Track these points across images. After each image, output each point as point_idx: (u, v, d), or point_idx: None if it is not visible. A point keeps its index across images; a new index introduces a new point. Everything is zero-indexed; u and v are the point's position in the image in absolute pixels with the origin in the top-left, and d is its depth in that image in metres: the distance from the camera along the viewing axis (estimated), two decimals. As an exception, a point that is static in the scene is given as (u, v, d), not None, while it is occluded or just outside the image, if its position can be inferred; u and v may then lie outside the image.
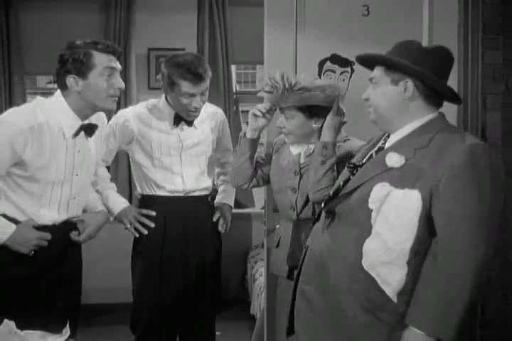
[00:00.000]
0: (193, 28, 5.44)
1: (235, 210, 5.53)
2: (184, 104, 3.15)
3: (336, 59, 3.38)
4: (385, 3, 3.39)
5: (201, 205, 3.34)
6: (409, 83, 2.15)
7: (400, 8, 3.39)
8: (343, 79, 3.42)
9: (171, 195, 3.26)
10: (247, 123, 2.95)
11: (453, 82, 3.41)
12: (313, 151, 2.80)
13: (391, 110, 2.20)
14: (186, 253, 3.28)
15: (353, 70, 3.37)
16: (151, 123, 3.25)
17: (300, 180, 2.84)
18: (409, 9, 3.39)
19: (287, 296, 2.69)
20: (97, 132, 2.81)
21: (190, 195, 3.30)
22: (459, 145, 2.05)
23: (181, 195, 3.28)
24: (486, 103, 3.51)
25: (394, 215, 2.06)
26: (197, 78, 3.09)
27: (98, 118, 2.85)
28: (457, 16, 3.45)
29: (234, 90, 5.61)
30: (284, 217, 2.94)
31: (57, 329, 1.94)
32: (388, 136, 2.27)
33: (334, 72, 3.41)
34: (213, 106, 3.50)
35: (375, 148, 2.30)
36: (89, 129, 2.74)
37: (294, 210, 2.85)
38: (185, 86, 3.10)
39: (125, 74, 5.38)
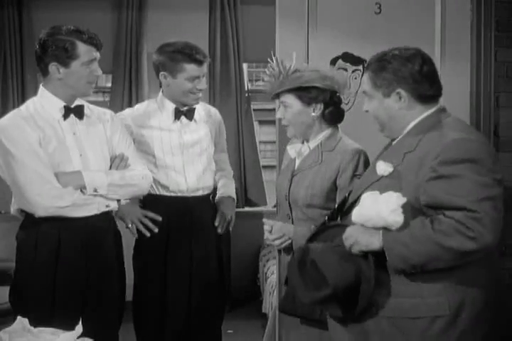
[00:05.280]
0: (204, 27, 5.44)
1: (247, 208, 5.60)
2: (189, 88, 3.18)
3: (347, 57, 3.38)
4: (397, 1, 3.38)
5: (204, 205, 3.33)
6: (402, 92, 2.18)
7: (412, 6, 3.38)
8: (355, 78, 3.42)
9: (174, 194, 3.26)
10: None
11: (465, 80, 3.41)
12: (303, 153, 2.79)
13: (391, 119, 2.23)
14: (190, 253, 3.27)
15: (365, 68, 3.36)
16: (150, 123, 3.26)
17: (290, 187, 2.80)
18: (422, 7, 3.38)
19: None
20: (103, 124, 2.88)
21: (193, 194, 3.29)
22: (437, 146, 2.07)
23: (184, 194, 3.27)
24: (498, 101, 3.50)
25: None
26: (201, 60, 3.16)
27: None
28: (470, 14, 3.43)
29: (246, 89, 5.61)
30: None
31: (69, 326, 1.95)
32: None
33: (346, 70, 3.40)
34: (209, 105, 3.57)
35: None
36: (78, 112, 2.80)
37: (290, 218, 2.82)
38: (191, 69, 3.15)
39: (137, 73, 5.40)
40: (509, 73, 3.49)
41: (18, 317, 1.94)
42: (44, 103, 2.76)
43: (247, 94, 5.62)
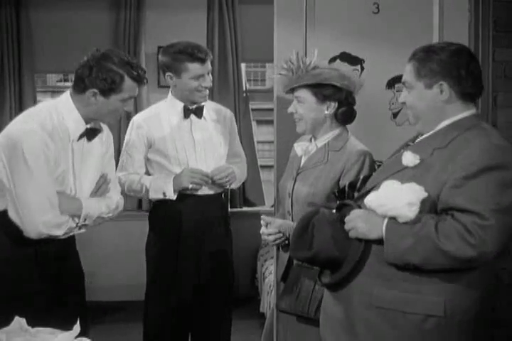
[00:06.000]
0: (202, 26, 5.44)
1: (245, 208, 5.60)
2: (195, 86, 3.26)
3: (345, 57, 3.37)
4: (395, 1, 3.38)
5: (215, 204, 3.37)
6: (444, 85, 2.15)
7: (411, 6, 3.38)
8: (353, 77, 3.42)
9: (190, 192, 3.30)
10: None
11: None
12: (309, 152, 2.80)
13: (429, 112, 2.20)
14: (200, 251, 3.32)
15: (363, 68, 3.36)
16: (161, 123, 3.32)
17: (294, 185, 2.81)
18: (420, 7, 3.38)
19: None
20: (102, 146, 2.84)
21: (204, 193, 3.32)
22: (474, 147, 2.05)
23: (197, 192, 3.31)
24: (496, 101, 3.50)
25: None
26: (203, 58, 3.24)
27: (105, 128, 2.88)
28: (468, 14, 3.43)
29: (244, 88, 5.61)
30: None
31: (67, 326, 1.95)
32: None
33: (344, 70, 3.40)
34: (222, 106, 3.60)
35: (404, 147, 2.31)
36: (92, 133, 2.76)
37: (290, 215, 2.82)
38: (194, 68, 3.23)
39: (135, 73, 5.39)
40: (507, 73, 3.50)
41: (16, 317, 1.95)
42: (66, 117, 2.67)
43: (245, 94, 5.62)
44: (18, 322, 1.93)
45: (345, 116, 2.79)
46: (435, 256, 2.01)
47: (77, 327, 1.92)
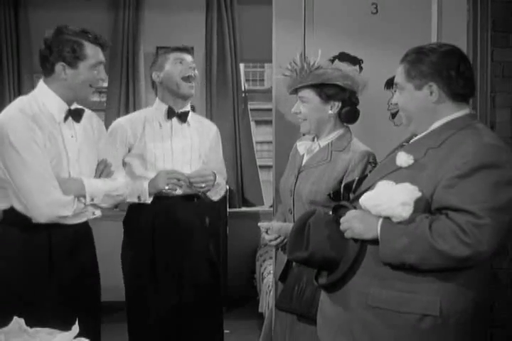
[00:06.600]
0: (201, 27, 5.45)
1: (244, 208, 5.61)
2: (177, 72, 3.28)
3: (344, 57, 3.38)
4: (393, 1, 3.38)
5: (189, 204, 3.34)
6: (434, 86, 2.16)
7: (409, 6, 3.39)
8: (352, 78, 3.42)
9: (162, 194, 3.26)
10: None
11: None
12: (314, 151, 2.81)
13: (420, 114, 2.20)
14: (178, 253, 3.28)
15: (361, 68, 3.36)
16: (144, 126, 3.31)
17: (296, 183, 2.82)
18: (418, 7, 3.39)
19: None
20: (93, 128, 2.87)
21: (179, 194, 3.29)
22: (467, 146, 2.05)
23: (172, 193, 3.28)
24: (495, 101, 3.51)
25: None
26: (181, 48, 3.36)
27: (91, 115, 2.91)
28: (466, 14, 3.44)
29: (242, 88, 5.62)
30: (286, 219, 2.92)
31: (66, 326, 1.95)
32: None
33: (343, 70, 3.40)
34: (207, 119, 3.66)
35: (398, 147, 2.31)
36: (77, 115, 2.78)
37: (291, 213, 2.84)
38: (174, 55, 3.32)
39: (134, 73, 5.40)
40: (505, 73, 3.50)
41: (15, 318, 1.94)
42: (46, 102, 2.71)
43: (243, 94, 5.62)
44: (17, 322, 1.93)
45: (349, 115, 2.81)
46: (430, 256, 2.01)
47: (75, 328, 1.91)
